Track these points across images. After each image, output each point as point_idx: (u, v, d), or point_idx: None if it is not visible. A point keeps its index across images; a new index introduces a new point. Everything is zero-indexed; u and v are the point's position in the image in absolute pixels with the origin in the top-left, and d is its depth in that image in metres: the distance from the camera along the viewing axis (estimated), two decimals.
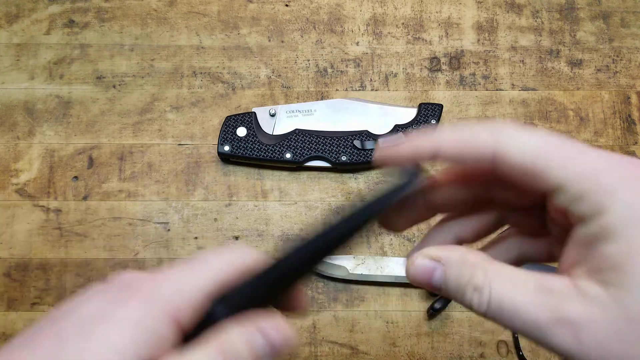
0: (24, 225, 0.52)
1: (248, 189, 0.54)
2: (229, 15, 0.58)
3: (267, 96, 0.56)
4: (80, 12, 0.58)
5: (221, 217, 0.53)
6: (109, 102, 0.55)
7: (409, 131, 0.53)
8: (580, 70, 0.58)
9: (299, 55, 0.57)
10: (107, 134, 0.55)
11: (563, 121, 0.56)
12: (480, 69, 0.57)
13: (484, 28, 0.59)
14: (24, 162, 0.54)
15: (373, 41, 0.58)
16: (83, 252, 0.52)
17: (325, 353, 0.50)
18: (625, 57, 0.58)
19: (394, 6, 0.59)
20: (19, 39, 0.57)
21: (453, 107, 0.56)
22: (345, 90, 0.56)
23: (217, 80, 0.56)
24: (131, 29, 0.57)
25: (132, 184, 0.53)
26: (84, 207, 0.53)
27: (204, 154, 0.54)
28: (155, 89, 0.56)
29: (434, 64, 0.57)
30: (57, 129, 0.55)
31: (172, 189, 0.53)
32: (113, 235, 0.52)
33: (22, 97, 0.55)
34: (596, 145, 0.55)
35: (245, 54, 0.57)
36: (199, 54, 0.57)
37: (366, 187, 0.54)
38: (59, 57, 0.56)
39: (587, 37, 0.58)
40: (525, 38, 0.58)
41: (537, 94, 0.57)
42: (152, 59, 0.57)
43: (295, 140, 0.53)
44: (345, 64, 0.57)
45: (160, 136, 0.55)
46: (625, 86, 0.57)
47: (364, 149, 0.53)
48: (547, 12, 0.59)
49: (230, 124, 0.53)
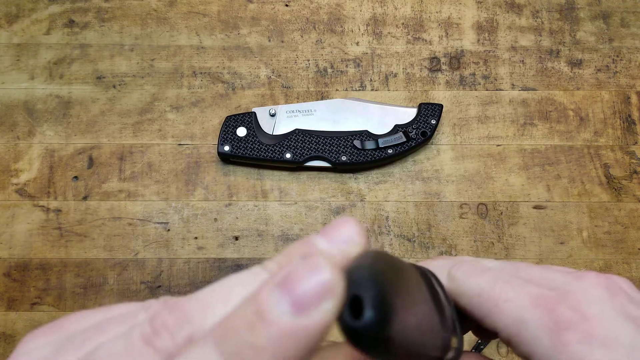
0: (24, 225, 0.52)
1: (248, 189, 0.54)
2: (229, 15, 0.58)
3: (267, 96, 0.56)
4: (80, 12, 0.58)
5: (221, 217, 0.53)
6: (109, 102, 0.55)
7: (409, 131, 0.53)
8: (580, 70, 0.58)
9: (299, 55, 0.57)
10: (107, 134, 0.55)
11: (563, 121, 0.56)
12: (480, 69, 0.57)
13: (484, 28, 0.59)
14: (24, 162, 0.54)
15: (373, 41, 0.58)
16: (83, 252, 0.52)
17: None
18: (625, 57, 0.58)
19: (394, 6, 0.59)
20: (19, 39, 0.57)
21: (453, 107, 0.56)
22: (345, 90, 0.56)
23: (217, 80, 0.56)
24: (131, 29, 0.57)
25: (132, 184, 0.53)
26: (84, 207, 0.53)
27: (204, 154, 0.54)
28: (155, 89, 0.56)
29: (434, 64, 0.57)
30: (57, 129, 0.55)
31: (172, 189, 0.53)
32: (113, 236, 0.52)
33: (22, 97, 0.55)
34: (596, 145, 0.55)
35: (245, 54, 0.57)
36: (199, 54, 0.57)
37: (366, 187, 0.54)
38: (59, 57, 0.56)
39: (587, 37, 0.58)
40: (525, 38, 0.58)
41: (537, 94, 0.57)
42: (152, 59, 0.57)
43: (295, 140, 0.53)
44: (345, 64, 0.57)
45: (160, 136, 0.55)
46: (625, 86, 0.57)
47: (364, 149, 0.53)
48: (547, 12, 0.59)
49: (230, 124, 0.53)
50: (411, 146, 0.53)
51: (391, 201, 0.54)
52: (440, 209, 0.53)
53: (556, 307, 0.22)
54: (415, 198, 0.54)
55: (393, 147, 0.53)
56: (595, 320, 0.22)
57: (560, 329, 0.22)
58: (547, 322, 0.22)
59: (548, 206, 0.54)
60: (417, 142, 0.53)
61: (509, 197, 0.54)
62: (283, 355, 0.12)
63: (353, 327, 0.12)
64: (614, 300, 0.23)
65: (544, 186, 0.54)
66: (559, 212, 0.53)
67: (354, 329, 0.12)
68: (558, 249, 0.53)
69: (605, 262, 0.52)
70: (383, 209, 0.53)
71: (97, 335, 0.16)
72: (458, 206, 0.53)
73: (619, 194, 0.54)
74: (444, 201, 0.54)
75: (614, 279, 0.24)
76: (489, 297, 0.23)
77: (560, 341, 0.21)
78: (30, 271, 0.51)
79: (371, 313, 0.12)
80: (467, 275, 0.24)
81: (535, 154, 0.55)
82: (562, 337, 0.21)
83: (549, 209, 0.54)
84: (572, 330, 0.21)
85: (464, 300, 0.24)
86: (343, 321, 0.12)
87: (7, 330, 0.50)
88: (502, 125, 0.56)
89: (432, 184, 0.54)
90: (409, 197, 0.54)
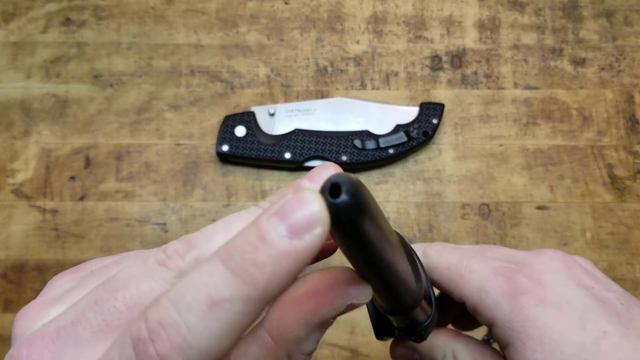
0: (20, 226, 0.52)
1: (247, 189, 0.53)
2: (228, 13, 0.57)
3: (266, 95, 0.55)
4: (77, 10, 0.57)
5: (220, 217, 0.52)
6: (106, 101, 0.55)
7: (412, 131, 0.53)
8: (584, 69, 0.57)
9: (298, 53, 0.57)
10: (104, 134, 0.54)
11: (566, 120, 0.55)
12: (483, 67, 0.57)
13: (486, 26, 0.58)
14: (20, 162, 0.53)
15: (374, 39, 0.57)
16: (80, 254, 0.51)
17: (325, 356, 0.49)
18: (629, 56, 0.57)
19: (395, 4, 0.58)
20: (16, 37, 0.56)
21: (455, 107, 0.55)
22: (345, 90, 0.56)
23: (215, 79, 0.56)
24: (129, 27, 0.57)
25: (130, 184, 0.53)
26: (81, 208, 0.52)
27: (202, 154, 0.54)
28: (153, 88, 0.55)
29: (435, 63, 0.57)
30: (53, 129, 0.54)
31: (170, 190, 0.53)
32: (110, 236, 0.51)
33: (19, 96, 0.55)
34: (600, 145, 0.55)
35: (244, 53, 0.56)
36: (198, 52, 0.56)
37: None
38: (55, 55, 0.56)
39: (590, 36, 0.58)
40: (527, 36, 0.58)
41: (539, 93, 0.56)
42: (150, 57, 0.56)
43: (295, 140, 0.52)
44: (345, 62, 0.56)
45: (158, 136, 0.54)
46: (629, 85, 0.56)
47: (365, 149, 0.52)
48: (550, 10, 0.58)
49: (229, 123, 0.53)
50: (412, 146, 0.52)
51: (392, 201, 0.53)
52: (442, 209, 0.53)
53: (514, 275, 0.24)
54: (416, 198, 0.53)
55: (394, 147, 0.52)
56: (550, 286, 0.24)
57: (517, 293, 0.24)
58: (506, 289, 0.24)
59: (551, 207, 0.53)
60: (418, 141, 0.53)
61: (512, 197, 0.53)
62: (281, 271, 0.14)
63: (333, 203, 0.14)
64: (569, 271, 0.25)
65: (547, 186, 0.54)
66: (562, 213, 0.53)
67: (334, 204, 0.14)
68: (561, 250, 0.52)
69: (609, 263, 0.52)
70: (384, 209, 0.53)
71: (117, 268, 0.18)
72: (460, 206, 0.53)
73: (623, 194, 0.53)
74: (446, 201, 0.53)
75: (572, 256, 0.27)
76: (456, 269, 0.26)
77: (517, 305, 0.23)
78: (26, 272, 0.51)
79: (346, 196, 0.14)
80: (439, 253, 0.27)
81: (538, 153, 0.54)
82: (519, 301, 0.23)
83: (552, 209, 0.53)
84: (528, 294, 0.23)
85: (436, 274, 0.27)
86: (325, 199, 0.14)
87: (4, 332, 0.49)
88: (505, 125, 0.55)
89: (433, 184, 0.53)
90: (410, 198, 0.53)
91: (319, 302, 0.17)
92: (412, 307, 0.22)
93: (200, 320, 0.14)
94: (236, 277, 0.14)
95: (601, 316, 0.23)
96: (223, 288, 0.14)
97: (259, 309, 0.15)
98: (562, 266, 0.25)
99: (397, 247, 0.19)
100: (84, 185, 0.53)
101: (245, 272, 0.14)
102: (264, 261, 0.14)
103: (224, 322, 0.14)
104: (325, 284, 0.17)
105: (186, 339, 0.14)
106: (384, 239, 0.17)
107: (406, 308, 0.22)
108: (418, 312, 0.23)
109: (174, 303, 0.14)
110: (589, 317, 0.23)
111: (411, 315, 0.23)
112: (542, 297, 0.23)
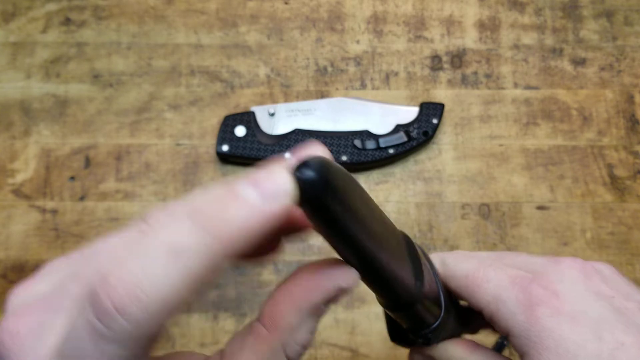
0: (20, 226, 0.51)
1: None
2: (228, 13, 0.57)
3: (266, 95, 0.55)
4: (77, 10, 0.57)
5: None
6: (105, 101, 0.55)
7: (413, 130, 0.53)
8: (584, 69, 0.57)
9: (298, 53, 0.56)
10: (104, 134, 0.54)
11: (566, 120, 0.55)
12: (483, 67, 0.57)
13: (486, 26, 0.58)
14: (20, 162, 0.53)
15: (374, 39, 0.57)
16: None
17: (325, 356, 0.49)
18: (629, 56, 0.57)
19: (395, 4, 0.58)
20: (15, 37, 0.56)
21: (455, 106, 0.55)
22: (345, 89, 0.56)
23: (215, 79, 0.56)
24: (128, 27, 0.57)
25: (130, 185, 0.53)
26: (81, 208, 0.52)
27: (202, 154, 0.54)
28: (153, 87, 0.55)
29: (435, 63, 0.57)
30: (53, 129, 0.54)
31: (170, 190, 0.53)
32: None
33: (18, 96, 0.55)
34: (600, 145, 0.55)
35: (244, 53, 0.56)
36: (197, 52, 0.56)
37: (366, 187, 0.53)
38: (55, 55, 0.56)
39: (590, 36, 0.58)
40: (528, 36, 0.58)
41: (540, 93, 0.56)
42: (150, 57, 0.56)
43: (295, 140, 0.52)
44: (345, 62, 0.56)
45: (158, 136, 0.54)
46: (629, 85, 0.56)
47: (365, 149, 0.52)
48: (550, 10, 0.58)
49: (229, 123, 0.53)
50: (412, 146, 0.52)
51: (392, 201, 0.53)
52: (442, 209, 0.53)
53: (530, 286, 0.24)
54: (416, 198, 0.53)
55: (394, 147, 0.52)
56: (565, 296, 0.24)
57: (533, 304, 0.24)
58: (522, 299, 0.24)
59: (551, 207, 0.53)
60: (418, 141, 0.53)
61: (512, 197, 0.53)
62: (247, 228, 0.15)
63: (299, 178, 0.16)
64: (587, 281, 0.25)
65: (547, 186, 0.53)
66: (562, 213, 0.53)
67: (300, 179, 0.16)
68: (561, 250, 0.52)
69: (609, 264, 0.52)
70: (384, 209, 0.52)
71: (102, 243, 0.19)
72: (460, 207, 0.53)
73: (623, 194, 0.53)
74: (446, 202, 0.53)
75: (592, 264, 0.26)
76: (473, 279, 0.26)
77: (533, 315, 0.23)
78: (26, 272, 0.50)
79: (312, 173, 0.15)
80: (457, 261, 0.27)
81: (538, 153, 0.54)
82: (534, 312, 0.23)
83: (552, 209, 0.53)
84: (544, 305, 0.23)
85: (454, 282, 0.27)
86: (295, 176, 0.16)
87: None
88: (505, 125, 0.55)
89: (433, 184, 0.53)
90: (410, 198, 0.53)
91: (307, 287, 0.18)
92: (409, 304, 0.22)
93: (158, 269, 0.14)
94: (201, 230, 0.15)
95: (619, 327, 0.22)
96: (186, 239, 0.15)
97: (219, 265, 0.15)
98: (580, 275, 0.25)
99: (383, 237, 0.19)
100: (83, 185, 0.53)
101: (213, 225, 0.15)
102: (233, 215, 0.15)
103: (183, 272, 0.14)
104: (312, 270, 0.19)
105: (143, 288, 0.14)
106: (358, 223, 0.17)
107: (403, 304, 0.22)
108: (421, 313, 0.23)
109: (132, 253, 0.15)
110: (605, 327, 0.22)
111: (411, 313, 0.23)
112: (557, 308, 0.23)
